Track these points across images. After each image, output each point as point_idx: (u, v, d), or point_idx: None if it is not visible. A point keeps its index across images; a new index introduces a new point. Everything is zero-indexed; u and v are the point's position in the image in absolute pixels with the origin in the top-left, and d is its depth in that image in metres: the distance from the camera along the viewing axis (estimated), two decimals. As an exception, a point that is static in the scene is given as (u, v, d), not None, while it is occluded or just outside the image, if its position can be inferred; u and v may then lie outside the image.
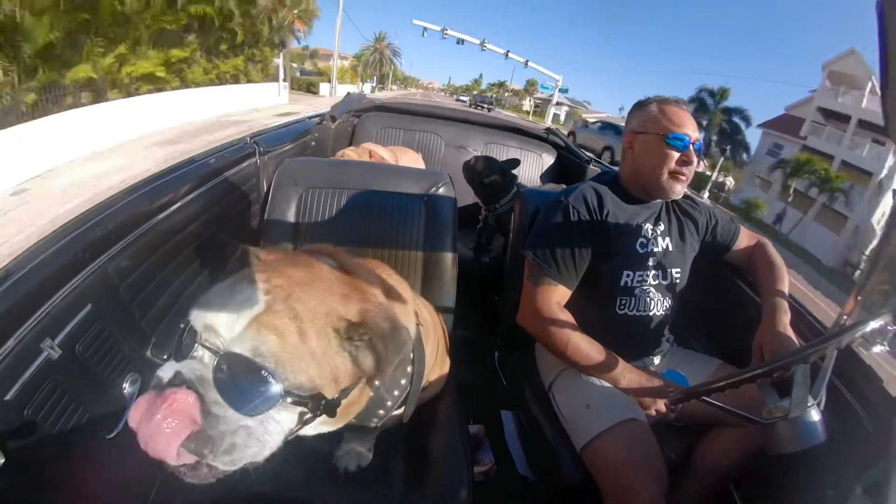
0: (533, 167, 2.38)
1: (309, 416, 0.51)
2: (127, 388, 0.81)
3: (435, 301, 1.09)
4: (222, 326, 0.49)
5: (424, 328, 0.79)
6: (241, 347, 0.47)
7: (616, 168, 1.14)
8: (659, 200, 1.07)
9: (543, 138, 2.46)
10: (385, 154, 1.93)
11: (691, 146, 0.97)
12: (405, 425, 0.74)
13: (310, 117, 2.10)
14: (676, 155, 0.98)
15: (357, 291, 0.57)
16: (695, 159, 0.98)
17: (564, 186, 1.22)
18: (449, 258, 1.16)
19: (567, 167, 2.34)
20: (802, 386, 0.66)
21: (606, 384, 0.96)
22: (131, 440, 0.45)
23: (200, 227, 1.09)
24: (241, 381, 0.47)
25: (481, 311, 1.65)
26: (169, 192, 0.98)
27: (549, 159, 2.40)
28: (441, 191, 1.20)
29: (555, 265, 1.00)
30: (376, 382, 0.60)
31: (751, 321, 0.96)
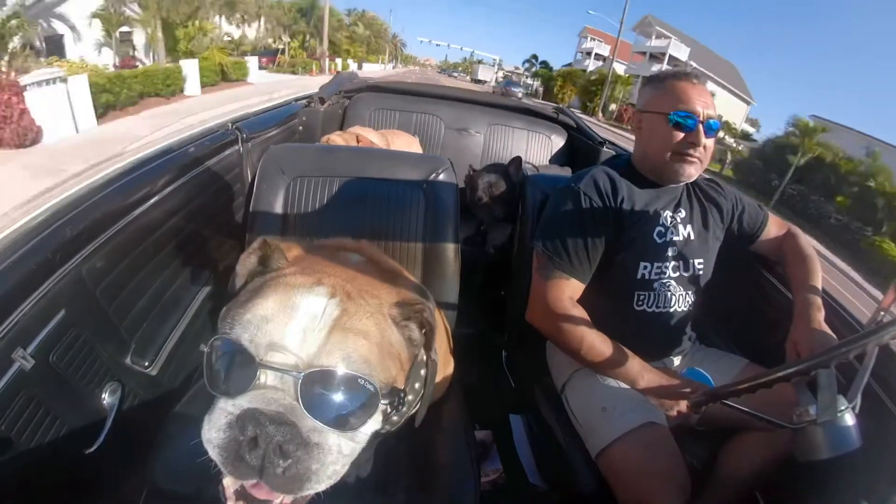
0: (541, 150, 2.36)
1: (391, 413, 0.53)
2: (106, 398, 0.81)
3: (436, 296, 1.08)
4: (294, 342, 0.47)
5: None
6: (329, 359, 0.47)
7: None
8: (679, 185, 1.06)
9: (553, 118, 2.43)
10: (375, 138, 1.90)
11: (700, 125, 0.96)
12: (407, 432, 0.74)
13: (296, 99, 2.09)
14: (681, 135, 0.98)
15: (391, 276, 0.62)
16: (704, 139, 0.97)
17: (572, 172, 1.24)
18: (451, 250, 1.16)
19: (578, 149, 2.32)
20: (829, 389, 0.66)
21: (624, 385, 0.96)
22: (113, 454, 0.45)
23: (180, 222, 1.09)
24: (338, 396, 0.46)
25: (487, 307, 1.65)
26: (145, 185, 0.97)
27: (558, 141, 2.37)
28: (441, 177, 1.19)
29: (566, 257, 1.00)
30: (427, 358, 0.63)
31: (780, 317, 0.96)
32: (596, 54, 34.83)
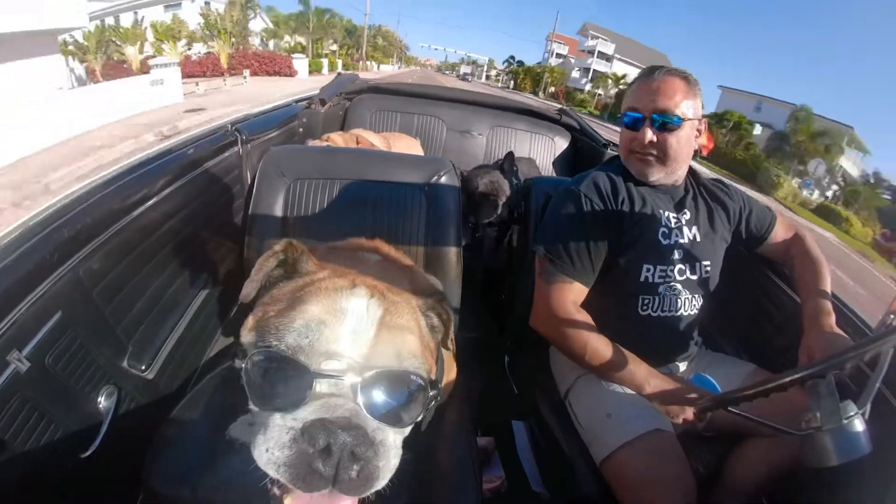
0: (544, 152, 2.37)
1: (430, 402, 0.53)
2: (102, 402, 0.81)
3: None
4: (347, 346, 0.48)
5: None
6: (383, 359, 0.48)
7: None
8: (681, 184, 1.07)
9: (556, 120, 2.45)
10: (376, 141, 1.90)
11: (647, 121, 0.98)
12: (407, 438, 0.74)
13: (297, 101, 2.11)
14: (629, 134, 1.02)
15: (408, 272, 0.67)
16: (647, 135, 0.98)
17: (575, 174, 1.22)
18: (453, 253, 1.17)
19: (582, 152, 2.34)
20: (831, 395, 0.66)
21: (629, 391, 0.96)
22: (109, 458, 0.45)
23: (179, 224, 1.10)
24: (395, 394, 0.48)
25: (489, 310, 1.65)
26: (144, 186, 0.98)
27: (562, 143, 2.39)
28: (443, 179, 1.20)
29: (569, 260, 1.00)
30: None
31: (787, 321, 0.96)
32: (557, 54, 45.41)
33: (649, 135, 0.99)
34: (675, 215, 1.05)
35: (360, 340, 0.49)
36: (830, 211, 19.67)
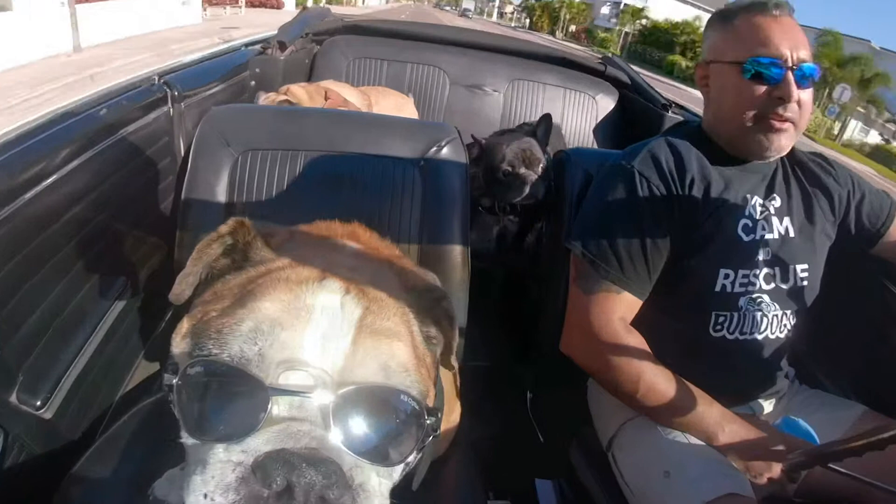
0: (582, 114, 2.37)
1: (427, 435, 0.52)
2: None
3: None
4: (314, 356, 0.47)
5: None
6: (364, 372, 0.48)
7: None
8: (770, 161, 1.07)
9: (598, 71, 2.44)
10: (353, 98, 1.88)
11: (789, 73, 0.96)
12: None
13: (247, 44, 2.11)
14: (762, 89, 0.98)
15: (395, 265, 0.66)
16: (794, 93, 0.96)
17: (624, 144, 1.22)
18: (457, 253, 1.17)
19: (634, 115, 2.34)
20: None
21: (695, 441, 0.97)
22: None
23: (86, 212, 1.10)
24: (380, 421, 0.48)
25: (505, 331, 1.65)
26: (37, 161, 0.96)
27: (606, 103, 2.39)
28: (445, 151, 1.20)
29: (616, 262, 1.01)
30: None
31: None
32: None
33: (796, 92, 0.96)
34: (761, 201, 1.05)
35: (333, 348, 0.48)
36: (889, 154, 21.09)
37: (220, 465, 0.44)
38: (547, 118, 1.82)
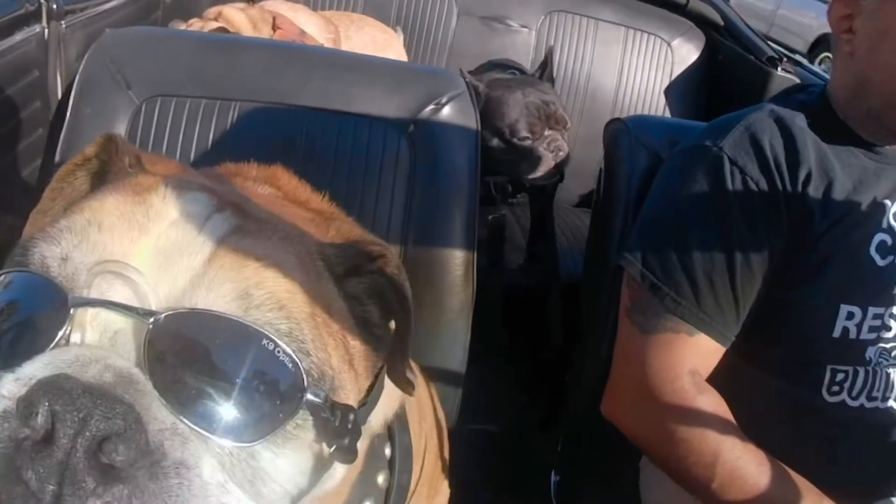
0: (651, 70, 2.29)
1: (328, 454, 0.50)
2: None
3: (424, 355, 1.05)
4: (146, 265, 0.46)
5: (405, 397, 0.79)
6: (210, 295, 0.45)
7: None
8: None
9: (677, 5, 2.33)
10: (312, 25, 1.86)
11: None
12: None
13: None
14: None
15: (330, 221, 0.63)
16: None
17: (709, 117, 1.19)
18: (457, 264, 1.11)
19: (728, 71, 2.26)
20: None
21: None
22: None
23: None
24: (228, 370, 0.45)
25: (522, 381, 1.62)
26: None
27: (687, 52, 2.31)
28: (446, 112, 1.14)
29: (690, 291, 0.96)
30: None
31: None
32: None
33: None
34: None
35: (174, 262, 0.46)
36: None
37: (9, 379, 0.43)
38: (549, 57, 1.77)
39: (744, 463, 0.91)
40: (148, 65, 1.13)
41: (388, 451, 0.72)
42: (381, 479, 0.70)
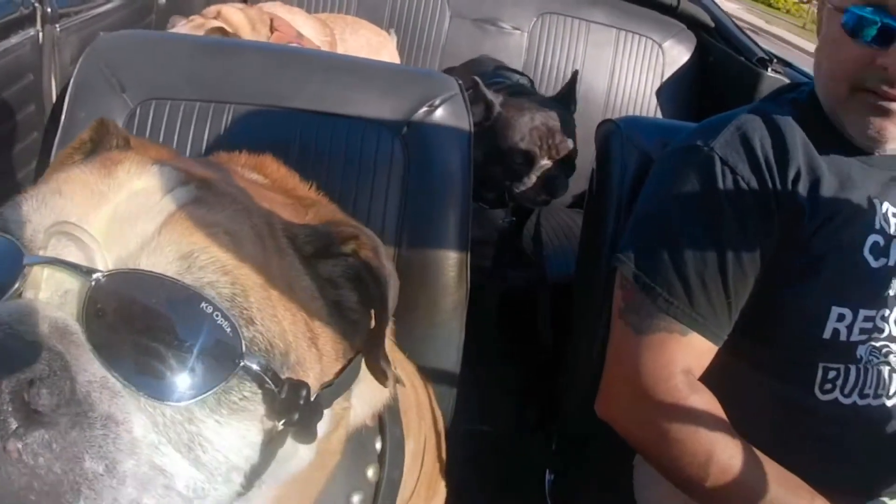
0: (643, 71, 2.33)
1: (278, 429, 0.50)
2: None
3: (420, 356, 1.05)
4: (100, 230, 0.47)
5: (404, 396, 0.80)
6: (153, 259, 0.46)
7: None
8: None
9: (668, 7, 2.37)
10: (308, 28, 1.88)
11: None
12: None
13: None
14: (856, 51, 0.95)
15: (310, 206, 0.64)
16: None
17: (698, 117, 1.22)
18: (451, 265, 1.12)
19: (719, 72, 2.29)
20: None
21: None
22: None
23: None
24: (161, 330, 0.45)
25: (516, 383, 1.65)
26: None
27: (679, 53, 2.34)
28: (439, 114, 1.16)
29: (682, 290, 0.97)
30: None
31: None
32: None
33: None
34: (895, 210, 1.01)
35: (127, 228, 0.47)
36: None
37: None
38: (573, 79, 1.81)
39: (737, 462, 0.91)
40: (142, 68, 1.14)
41: (378, 445, 0.73)
42: (370, 472, 0.71)
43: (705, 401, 0.95)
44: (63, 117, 1.10)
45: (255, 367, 0.46)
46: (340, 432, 0.63)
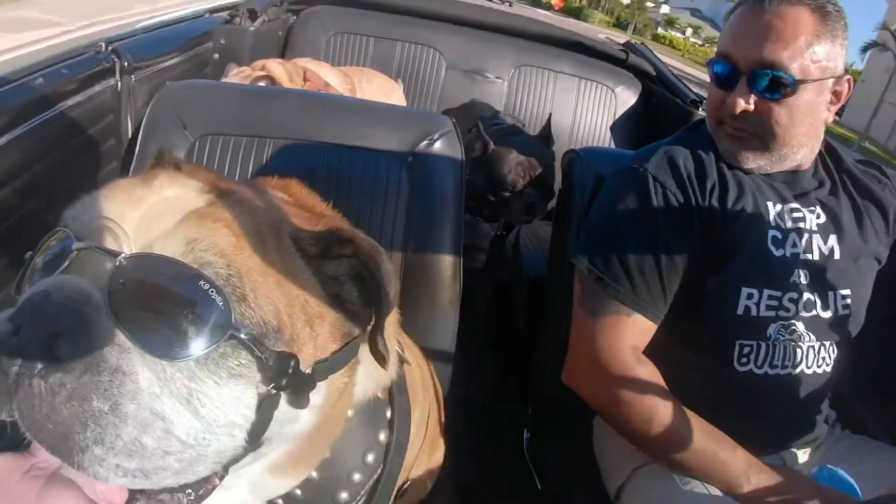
0: (599, 109, 2.43)
1: (271, 393, 0.52)
2: None
3: (423, 340, 1.10)
4: (131, 225, 0.51)
5: (410, 374, 0.84)
6: (165, 244, 0.50)
7: None
8: (807, 169, 1.10)
9: (619, 59, 2.50)
10: (333, 80, 1.93)
11: (743, 78, 0.99)
12: None
13: (212, 11, 2.13)
14: (718, 94, 1.05)
15: (322, 218, 0.66)
16: (739, 102, 0.99)
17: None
18: (447, 266, 1.19)
19: (660, 111, 2.39)
20: None
21: (716, 492, 0.97)
22: None
23: (11, 199, 1.11)
24: (162, 299, 0.48)
25: (499, 358, 1.69)
26: None
27: (627, 97, 2.45)
28: (438, 146, 1.23)
29: (627, 281, 1.02)
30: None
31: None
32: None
33: (742, 102, 0.99)
34: (801, 212, 1.07)
35: (153, 226, 0.51)
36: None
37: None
38: (549, 122, 1.93)
39: (673, 419, 0.96)
40: (200, 110, 1.20)
41: (388, 414, 0.77)
42: (382, 436, 0.76)
43: (649, 371, 1.00)
44: (137, 150, 1.16)
45: (243, 336, 0.49)
46: (344, 402, 0.67)
